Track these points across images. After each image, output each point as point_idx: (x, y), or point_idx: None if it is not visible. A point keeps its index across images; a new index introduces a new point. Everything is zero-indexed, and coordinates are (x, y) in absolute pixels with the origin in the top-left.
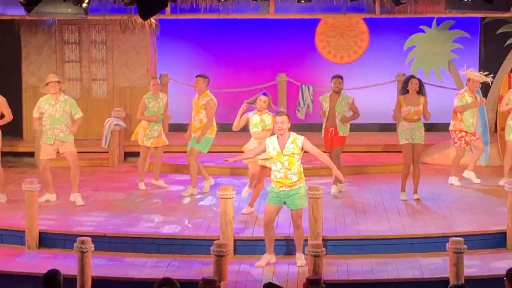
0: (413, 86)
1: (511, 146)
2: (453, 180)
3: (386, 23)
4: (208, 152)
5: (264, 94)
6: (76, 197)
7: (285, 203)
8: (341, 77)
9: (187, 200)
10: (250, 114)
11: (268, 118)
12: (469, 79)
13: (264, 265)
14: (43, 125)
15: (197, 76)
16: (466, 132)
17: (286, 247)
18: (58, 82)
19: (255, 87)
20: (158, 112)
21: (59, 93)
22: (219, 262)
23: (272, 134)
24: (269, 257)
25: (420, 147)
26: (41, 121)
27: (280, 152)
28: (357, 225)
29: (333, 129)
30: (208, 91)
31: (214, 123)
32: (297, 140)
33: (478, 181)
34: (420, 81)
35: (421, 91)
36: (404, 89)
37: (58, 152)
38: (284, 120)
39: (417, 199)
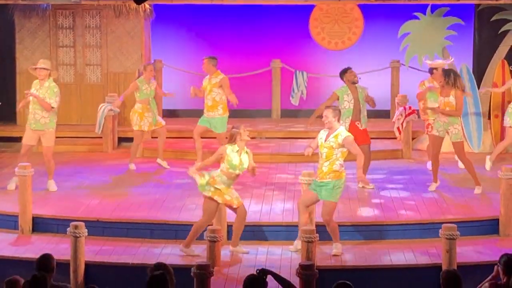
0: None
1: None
2: (429, 165)
3: (381, 10)
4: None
5: (236, 127)
6: (50, 184)
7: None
8: (351, 68)
9: (180, 185)
10: (228, 150)
11: (246, 159)
12: (436, 69)
13: (295, 250)
14: (29, 110)
15: (204, 58)
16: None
17: (280, 233)
18: (46, 69)
19: (249, 73)
20: (150, 95)
21: (46, 80)
22: (213, 248)
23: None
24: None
25: (457, 145)
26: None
27: (323, 143)
28: (351, 211)
29: (359, 122)
30: (219, 70)
31: (226, 103)
32: (339, 136)
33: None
34: (444, 73)
35: (447, 83)
36: None
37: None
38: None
39: (478, 193)
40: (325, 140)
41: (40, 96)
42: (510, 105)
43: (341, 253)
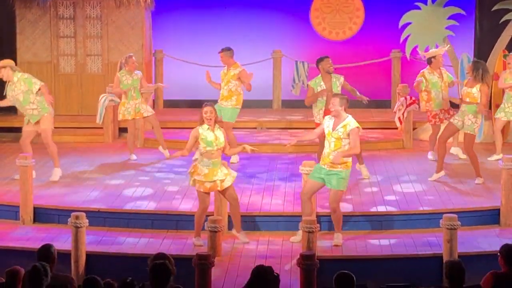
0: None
1: (500, 123)
2: (430, 155)
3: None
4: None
5: (208, 104)
6: (55, 172)
7: (324, 181)
8: (329, 57)
9: (181, 175)
10: (200, 130)
11: (221, 134)
12: (434, 57)
13: (298, 241)
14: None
15: (220, 52)
16: (441, 110)
17: (281, 224)
18: (4, 67)
19: (250, 63)
20: (132, 85)
21: (12, 75)
22: (213, 238)
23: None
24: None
25: (467, 137)
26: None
27: (330, 132)
28: (351, 202)
29: None
30: (237, 62)
31: (242, 95)
32: (347, 126)
33: (464, 156)
34: (473, 64)
35: (475, 77)
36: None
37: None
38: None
39: (478, 184)
40: (333, 129)
41: (19, 92)
42: (506, 98)
43: (341, 244)
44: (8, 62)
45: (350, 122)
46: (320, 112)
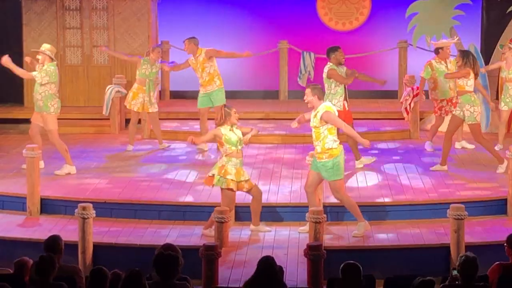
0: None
1: (504, 114)
2: (427, 145)
3: None
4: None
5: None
6: (64, 167)
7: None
8: (340, 47)
9: (187, 166)
10: (222, 130)
11: (239, 132)
12: (442, 48)
13: (307, 231)
14: None
15: (185, 40)
16: (446, 101)
17: (287, 214)
18: (44, 53)
19: (256, 54)
20: (149, 77)
21: (44, 63)
22: (220, 229)
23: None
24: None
25: (471, 127)
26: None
27: (311, 123)
28: (358, 192)
29: (346, 102)
30: (200, 47)
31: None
32: (317, 114)
33: (471, 146)
34: (460, 53)
35: (465, 63)
36: None
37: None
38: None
39: (501, 172)
40: (311, 120)
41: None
42: (504, 90)
43: (363, 235)
44: (50, 50)
45: (320, 109)
46: (341, 99)
